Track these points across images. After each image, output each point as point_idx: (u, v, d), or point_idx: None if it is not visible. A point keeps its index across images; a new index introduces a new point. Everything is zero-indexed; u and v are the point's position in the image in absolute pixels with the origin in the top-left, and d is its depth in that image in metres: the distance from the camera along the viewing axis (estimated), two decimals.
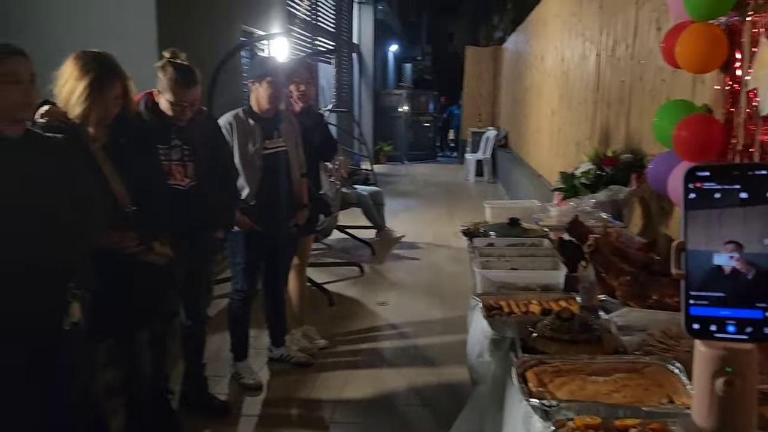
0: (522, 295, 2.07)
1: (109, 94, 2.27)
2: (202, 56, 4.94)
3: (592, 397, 1.33)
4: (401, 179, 12.03)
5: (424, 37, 24.85)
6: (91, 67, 2.22)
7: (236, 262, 3.33)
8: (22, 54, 1.91)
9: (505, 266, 2.24)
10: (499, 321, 1.81)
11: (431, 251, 6.40)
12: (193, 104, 2.75)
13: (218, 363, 3.55)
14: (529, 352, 1.58)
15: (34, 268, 1.92)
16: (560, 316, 1.63)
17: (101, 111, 2.26)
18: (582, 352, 1.54)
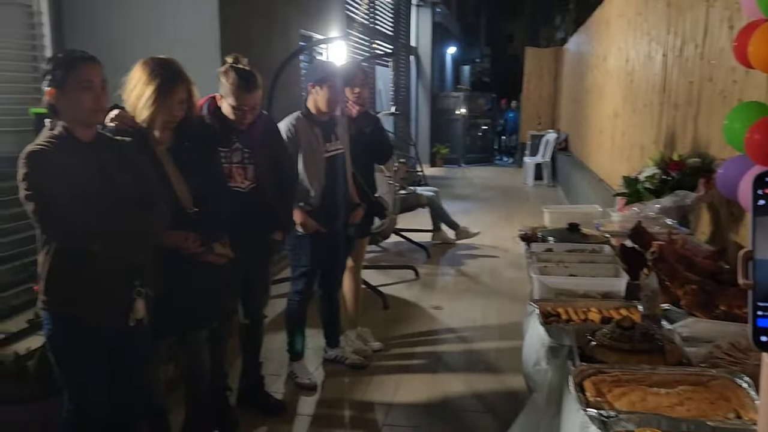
0: (581, 302, 2.01)
1: (174, 99, 2.34)
2: (262, 60, 5.07)
3: (654, 409, 1.28)
4: (458, 182, 11.94)
5: (482, 39, 24.62)
6: (158, 72, 2.30)
7: (299, 265, 3.37)
8: (94, 60, 2.00)
9: (564, 272, 2.19)
10: (557, 328, 1.77)
11: (488, 255, 6.33)
12: (254, 108, 2.80)
13: (275, 362, 3.61)
14: (587, 360, 1.53)
15: (104, 262, 2.01)
16: (621, 324, 1.58)
17: (166, 114, 2.34)
18: (643, 362, 1.49)
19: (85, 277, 1.98)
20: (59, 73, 1.94)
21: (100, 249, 1.98)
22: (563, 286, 2.06)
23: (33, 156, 1.89)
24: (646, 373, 1.43)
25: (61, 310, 2.00)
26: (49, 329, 2.02)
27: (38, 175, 1.86)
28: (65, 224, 1.91)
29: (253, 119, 2.83)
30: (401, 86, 12.16)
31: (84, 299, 2.00)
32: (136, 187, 2.11)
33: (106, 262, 2.01)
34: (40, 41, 4.52)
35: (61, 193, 1.87)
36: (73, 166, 1.94)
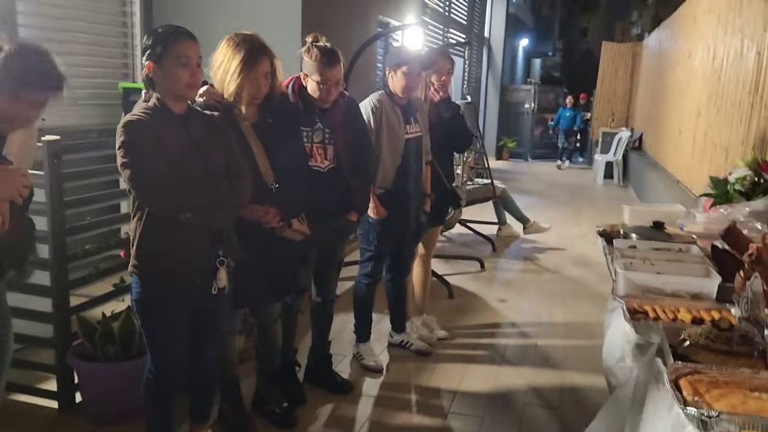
0: (669, 301, 1.95)
1: (259, 71, 2.39)
2: (340, 44, 5.09)
3: (757, 413, 1.23)
4: (524, 177, 11.74)
5: (556, 33, 24.07)
6: (242, 46, 2.37)
7: (368, 249, 3.40)
8: (191, 36, 2.07)
9: (651, 270, 2.12)
10: (645, 324, 1.72)
11: (554, 253, 6.21)
12: (338, 83, 2.82)
13: (342, 342, 3.67)
14: (681, 359, 1.49)
15: (191, 231, 2.08)
16: (718, 325, 1.52)
17: (252, 88, 2.39)
18: (741, 365, 1.43)
19: (173, 244, 2.06)
20: (158, 48, 2.01)
21: (188, 217, 2.04)
22: (650, 283, 2.00)
23: (130, 125, 1.96)
24: (746, 376, 1.37)
25: (149, 275, 2.08)
26: (138, 293, 2.11)
27: (135, 144, 1.94)
28: (158, 191, 1.98)
29: (337, 97, 2.85)
30: (472, 77, 12.03)
31: (171, 265, 2.08)
32: (223, 159, 2.17)
33: (193, 231, 2.08)
34: (131, 19, 4.70)
35: (156, 161, 1.94)
36: (167, 137, 2.00)
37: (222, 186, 2.15)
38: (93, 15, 4.35)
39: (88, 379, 2.69)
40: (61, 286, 2.63)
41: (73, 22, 4.17)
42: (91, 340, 2.65)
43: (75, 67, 4.17)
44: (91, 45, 4.35)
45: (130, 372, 2.56)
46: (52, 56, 1.69)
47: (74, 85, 4.04)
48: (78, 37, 4.22)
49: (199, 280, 2.14)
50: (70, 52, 4.15)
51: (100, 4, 4.44)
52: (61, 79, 1.69)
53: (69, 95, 1.72)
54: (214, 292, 2.18)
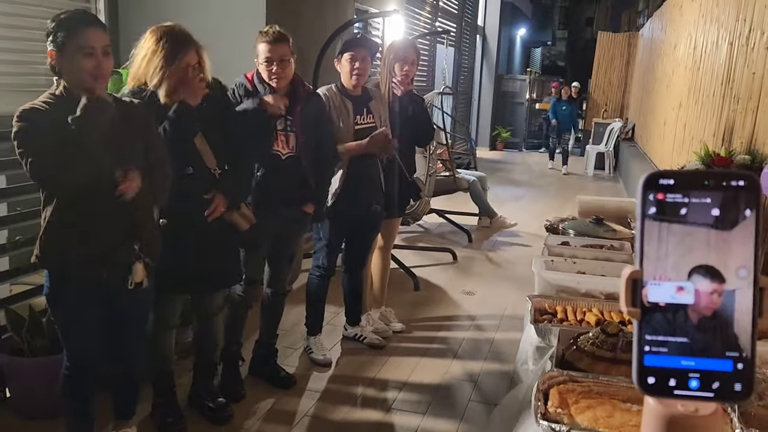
0: (584, 302, 1.89)
1: (183, 63, 2.34)
2: (311, 35, 5.04)
3: (618, 427, 1.18)
4: (515, 167, 11.65)
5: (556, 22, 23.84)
6: (166, 38, 2.31)
7: (320, 239, 3.35)
8: (97, 24, 2.00)
9: (572, 269, 2.06)
10: (544, 327, 1.67)
11: (533, 244, 6.14)
12: (283, 61, 2.77)
13: (293, 336, 3.63)
14: (566, 366, 1.43)
15: (102, 223, 2.03)
16: (605, 330, 1.46)
17: (178, 80, 2.33)
18: (623, 373, 1.37)
19: (78, 237, 2.00)
20: (60, 35, 1.93)
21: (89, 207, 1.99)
22: (564, 283, 1.94)
23: (24, 114, 1.90)
24: (623, 386, 1.32)
25: (54, 268, 2.04)
26: (47, 286, 2.07)
27: (28, 133, 1.88)
28: (53, 182, 1.92)
29: (288, 81, 2.81)
30: (464, 66, 11.91)
31: (75, 258, 2.02)
32: (140, 148, 2.11)
33: (104, 224, 2.02)
34: (95, 4, 4.63)
35: (53, 147, 1.87)
36: (68, 125, 1.91)
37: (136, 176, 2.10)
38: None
39: (15, 374, 2.66)
40: None
41: (30, 7, 4.10)
42: (19, 334, 2.62)
43: (26, 53, 4.10)
44: None
45: (57, 367, 2.51)
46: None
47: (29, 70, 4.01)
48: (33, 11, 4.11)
49: (110, 274, 2.09)
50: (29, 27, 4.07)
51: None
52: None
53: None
54: (130, 287, 2.13)
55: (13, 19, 3.96)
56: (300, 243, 3.38)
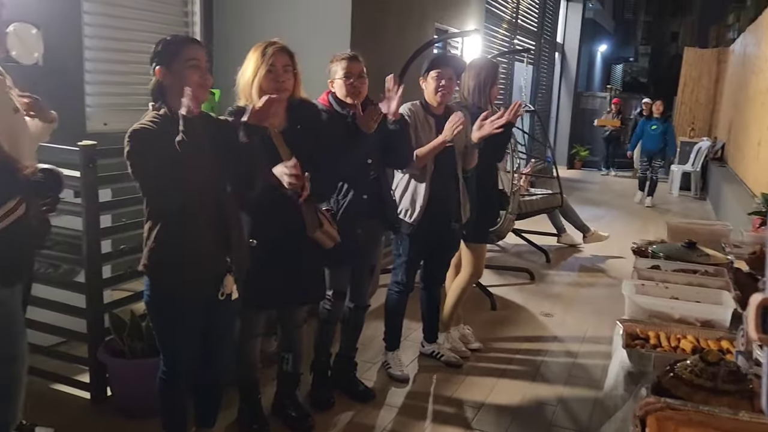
0: (678, 328, 1.84)
1: (278, 64, 2.47)
2: (393, 54, 5.14)
3: None
4: (594, 186, 11.36)
5: (639, 37, 23.15)
6: (262, 45, 2.47)
7: (399, 255, 3.39)
8: (198, 42, 2.19)
9: (664, 294, 2.01)
10: (638, 353, 1.64)
11: (614, 266, 5.97)
12: (361, 76, 2.85)
13: (373, 350, 3.67)
14: (663, 394, 1.40)
15: (199, 237, 2.15)
16: (705, 358, 1.42)
17: (272, 81, 2.47)
18: (724, 404, 1.33)
19: (182, 248, 2.13)
20: (167, 53, 2.08)
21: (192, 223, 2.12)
22: (657, 308, 1.89)
23: (135, 135, 2.03)
24: (725, 416, 1.28)
25: (158, 277, 2.17)
26: (148, 294, 2.20)
27: (139, 153, 2.01)
28: (163, 196, 2.06)
29: (364, 97, 2.88)
30: (542, 84, 11.76)
31: (178, 269, 2.15)
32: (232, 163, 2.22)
33: (202, 237, 2.15)
34: (192, 29, 4.91)
35: (160, 167, 1.99)
36: (172, 144, 2.02)
37: (223, 188, 2.22)
38: (154, 17, 4.54)
39: (116, 374, 2.83)
40: (95, 284, 2.78)
41: (134, 21, 4.37)
42: (121, 336, 2.79)
43: (133, 74, 4.39)
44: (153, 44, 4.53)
45: (154, 369, 2.65)
46: None
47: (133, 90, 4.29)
48: (138, 36, 4.40)
49: (205, 285, 2.20)
50: (131, 49, 4.35)
51: (163, 16, 4.66)
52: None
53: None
54: (221, 297, 2.24)
55: (120, 44, 4.26)
56: (380, 256, 3.43)
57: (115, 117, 4.25)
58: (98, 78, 4.15)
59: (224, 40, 4.81)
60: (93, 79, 4.09)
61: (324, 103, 2.89)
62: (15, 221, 1.68)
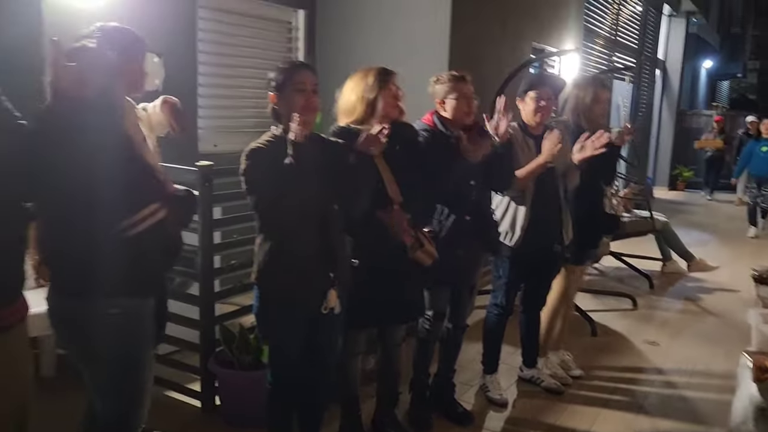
0: None
1: (391, 88, 2.55)
2: (489, 73, 5.12)
3: None
4: (699, 209, 10.77)
5: (747, 52, 21.87)
6: (373, 70, 2.56)
7: (499, 276, 3.35)
8: (308, 67, 2.29)
9: None
10: None
11: (724, 294, 5.62)
12: (471, 98, 2.87)
13: (469, 372, 3.63)
14: None
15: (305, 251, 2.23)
16: None
17: (385, 105, 2.53)
18: None
19: (290, 263, 2.22)
20: (280, 79, 2.21)
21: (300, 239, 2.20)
22: None
23: (251, 154, 2.16)
24: None
25: (268, 289, 2.27)
26: (257, 306, 2.30)
27: (254, 171, 2.12)
28: (274, 215, 2.15)
29: (474, 117, 2.89)
30: (642, 102, 11.33)
31: (286, 281, 2.23)
32: (339, 184, 2.29)
33: (309, 253, 2.22)
34: (295, 53, 5.12)
35: (273, 186, 2.08)
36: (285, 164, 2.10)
37: (332, 209, 2.29)
38: (261, 44, 4.77)
39: (225, 384, 2.95)
40: (208, 297, 2.92)
41: (242, 48, 4.61)
42: (230, 348, 2.91)
43: (241, 98, 4.62)
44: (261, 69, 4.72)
45: (261, 381, 2.75)
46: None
47: (241, 114, 4.51)
48: (246, 62, 4.64)
49: (310, 298, 2.27)
50: (239, 75, 4.59)
51: (270, 39, 4.89)
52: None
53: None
54: (324, 311, 2.30)
55: (229, 71, 4.52)
56: (479, 276, 3.40)
57: (224, 138, 4.49)
58: (209, 102, 4.40)
59: (326, 64, 4.98)
60: (205, 104, 4.35)
61: (428, 123, 2.91)
62: (154, 225, 1.81)
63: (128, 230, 1.78)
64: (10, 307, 1.70)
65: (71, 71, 1.74)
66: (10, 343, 1.43)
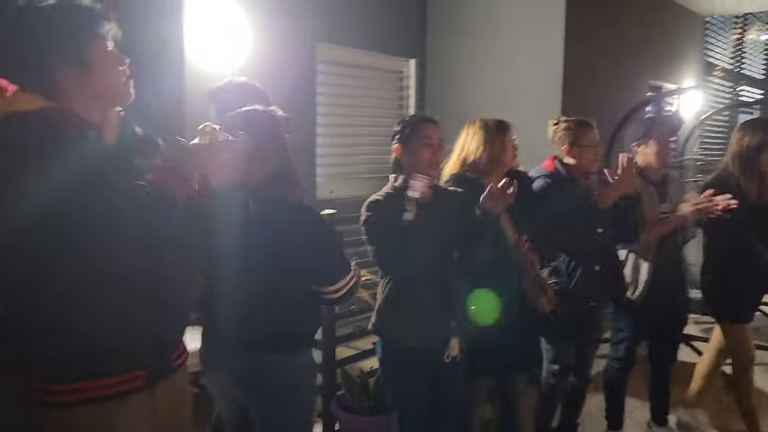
0: None
1: (509, 137, 2.59)
2: (605, 114, 4.99)
3: None
4: None
5: None
6: (489, 121, 2.58)
7: (619, 329, 3.19)
8: (433, 121, 2.33)
9: None
10: None
11: None
12: (597, 146, 2.87)
13: (591, 427, 3.45)
14: None
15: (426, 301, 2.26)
16: None
17: (503, 153, 2.57)
18: None
19: (408, 311, 2.26)
20: (406, 131, 2.27)
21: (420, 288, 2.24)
22: None
23: (371, 206, 2.24)
24: None
25: (388, 337, 2.31)
26: (381, 353, 2.34)
27: (373, 223, 2.20)
28: (393, 266, 2.22)
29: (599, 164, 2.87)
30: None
31: (404, 330, 2.26)
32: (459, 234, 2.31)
33: (426, 301, 2.26)
34: (407, 101, 5.26)
35: (392, 237, 2.14)
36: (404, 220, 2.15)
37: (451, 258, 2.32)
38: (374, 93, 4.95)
39: (347, 427, 3.00)
40: (330, 341, 3.00)
41: (357, 98, 4.80)
42: (351, 392, 2.96)
43: (356, 146, 4.79)
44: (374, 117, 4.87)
45: (380, 427, 2.78)
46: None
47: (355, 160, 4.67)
48: (360, 111, 4.82)
49: (432, 347, 2.29)
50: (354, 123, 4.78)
51: (383, 89, 5.07)
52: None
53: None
54: (447, 360, 2.30)
55: (344, 119, 4.71)
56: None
57: (340, 185, 4.65)
58: (326, 150, 4.59)
59: (436, 111, 5.05)
60: (322, 152, 4.54)
61: (550, 170, 2.88)
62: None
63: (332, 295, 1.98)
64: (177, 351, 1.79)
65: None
66: (176, 385, 1.51)
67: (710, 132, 7.21)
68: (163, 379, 1.45)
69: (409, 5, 5.05)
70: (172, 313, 1.49)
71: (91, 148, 1.31)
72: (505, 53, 4.86)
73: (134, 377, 1.38)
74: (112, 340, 1.33)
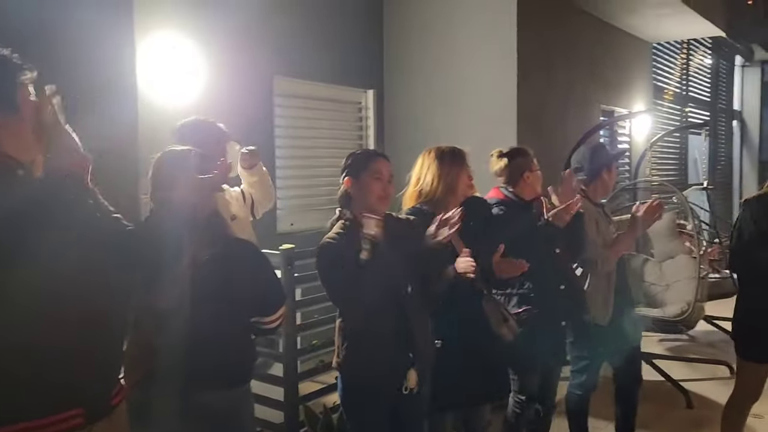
0: None
1: (465, 171, 2.59)
2: (557, 139, 5.12)
3: None
4: None
5: None
6: (445, 151, 2.60)
7: (581, 356, 3.17)
8: (385, 157, 2.35)
9: None
10: None
11: None
12: (538, 171, 2.96)
13: None
14: None
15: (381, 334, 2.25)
16: None
17: (461, 185, 2.58)
18: None
19: (367, 346, 2.25)
20: (357, 166, 2.28)
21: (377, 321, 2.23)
22: None
23: (322, 250, 2.22)
24: None
25: (348, 373, 2.30)
26: (341, 388, 2.33)
27: (326, 266, 2.20)
28: (349, 306, 2.24)
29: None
30: (720, 156, 10.96)
31: (364, 366, 2.26)
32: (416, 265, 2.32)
33: (385, 335, 2.24)
34: (366, 132, 5.31)
35: (345, 278, 2.15)
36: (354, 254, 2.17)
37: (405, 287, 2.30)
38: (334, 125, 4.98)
39: None
40: (291, 377, 2.96)
41: (316, 130, 4.82)
42: (314, 429, 2.92)
43: (315, 177, 4.79)
44: (334, 149, 4.88)
45: None
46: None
47: (315, 192, 4.66)
48: (320, 143, 4.84)
49: (389, 380, 2.27)
50: (313, 155, 4.79)
51: (342, 120, 5.10)
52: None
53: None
54: (405, 392, 2.28)
55: (304, 152, 4.72)
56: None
57: (300, 217, 4.65)
58: (286, 183, 4.59)
59: (395, 139, 5.12)
60: (282, 184, 4.53)
61: (500, 197, 2.93)
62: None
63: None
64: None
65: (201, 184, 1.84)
66: (114, 424, 1.52)
67: (661, 154, 7.45)
68: (102, 417, 1.47)
69: (367, 37, 5.13)
70: (110, 350, 1.52)
71: (20, 185, 1.38)
72: (461, 83, 4.97)
73: (72, 415, 1.39)
74: (49, 378, 1.35)
